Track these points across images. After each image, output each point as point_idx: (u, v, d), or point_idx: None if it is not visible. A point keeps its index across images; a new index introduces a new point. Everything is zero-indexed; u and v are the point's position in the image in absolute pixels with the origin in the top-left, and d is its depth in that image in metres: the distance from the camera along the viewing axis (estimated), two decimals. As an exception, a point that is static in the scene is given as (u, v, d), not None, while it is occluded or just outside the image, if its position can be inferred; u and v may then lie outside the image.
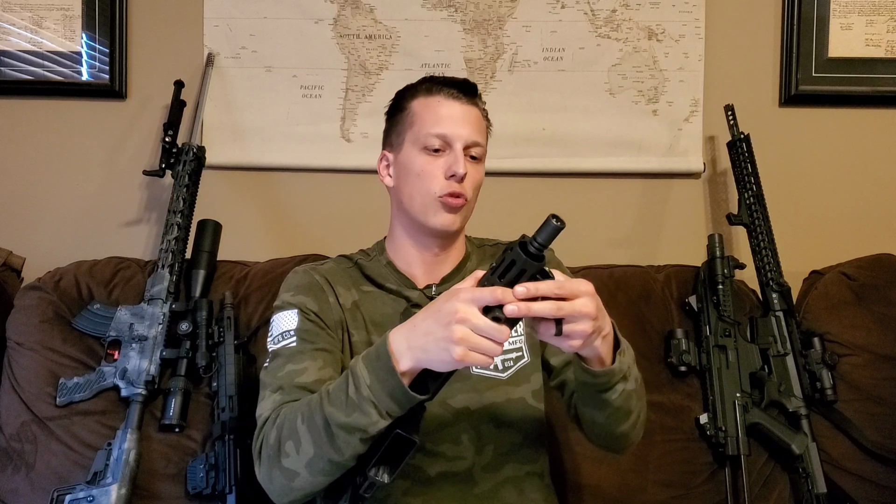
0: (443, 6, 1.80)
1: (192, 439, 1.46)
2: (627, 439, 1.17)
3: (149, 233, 1.82)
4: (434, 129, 1.19)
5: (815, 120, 1.83)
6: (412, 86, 1.26)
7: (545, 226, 0.89)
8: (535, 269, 0.90)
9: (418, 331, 0.95)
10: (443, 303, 0.93)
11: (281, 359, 1.14)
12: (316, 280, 1.23)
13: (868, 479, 1.51)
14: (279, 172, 1.83)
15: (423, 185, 1.19)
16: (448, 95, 1.21)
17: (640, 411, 1.15)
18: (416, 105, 1.22)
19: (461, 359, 0.90)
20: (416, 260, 1.25)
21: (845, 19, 1.81)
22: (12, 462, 1.43)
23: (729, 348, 1.55)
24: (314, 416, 1.01)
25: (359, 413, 0.97)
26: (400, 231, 1.26)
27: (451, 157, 1.18)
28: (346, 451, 0.99)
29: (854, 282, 1.60)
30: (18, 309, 1.54)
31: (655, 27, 1.81)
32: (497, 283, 0.91)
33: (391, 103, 1.28)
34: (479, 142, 1.22)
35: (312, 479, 1.03)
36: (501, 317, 0.90)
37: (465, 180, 1.18)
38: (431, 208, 1.18)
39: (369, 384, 0.97)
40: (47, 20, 1.79)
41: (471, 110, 1.22)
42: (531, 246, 0.89)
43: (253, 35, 1.80)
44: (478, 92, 1.25)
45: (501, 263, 0.92)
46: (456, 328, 0.90)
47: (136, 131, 1.82)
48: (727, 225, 1.72)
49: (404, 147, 1.22)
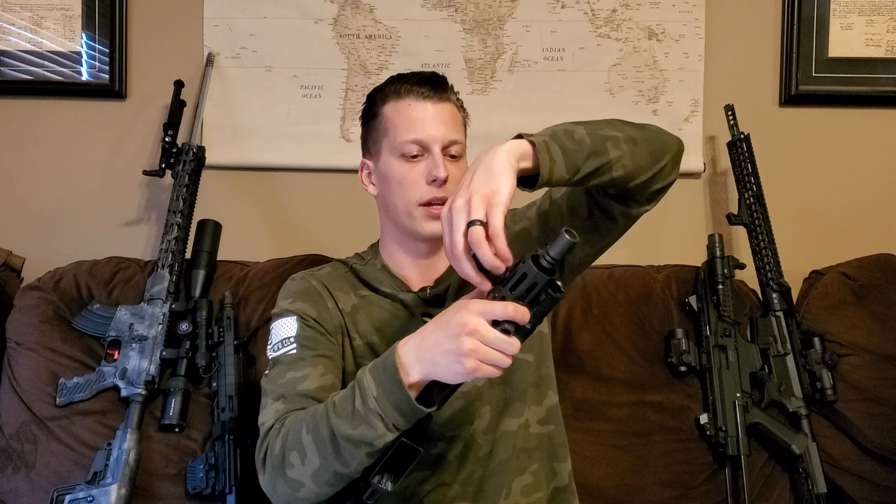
0: (443, 6, 1.80)
1: (192, 439, 1.46)
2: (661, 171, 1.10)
3: (149, 233, 1.82)
4: (409, 136, 1.16)
5: (815, 120, 1.83)
6: (380, 88, 1.22)
7: (559, 240, 0.88)
8: (546, 283, 0.89)
9: (427, 342, 0.94)
10: (452, 314, 0.92)
11: (282, 366, 1.14)
12: (314, 286, 1.22)
13: (868, 479, 1.51)
14: (279, 172, 1.83)
15: (404, 193, 1.17)
16: (418, 96, 1.18)
17: (621, 131, 1.06)
18: (387, 111, 1.19)
19: (472, 371, 0.89)
20: (408, 264, 1.24)
21: (845, 19, 1.81)
22: (12, 462, 1.43)
23: (729, 348, 1.54)
24: (320, 428, 1.00)
25: (365, 426, 0.96)
26: (390, 237, 1.25)
27: (430, 162, 1.16)
28: (352, 464, 0.99)
29: (854, 282, 1.60)
30: (18, 309, 1.54)
31: (655, 27, 1.81)
32: (508, 295, 0.90)
33: (364, 108, 1.26)
34: (457, 139, 1.19)
35: (318, 489, 1.03)
36: (510, 329, 0.89)
37: (448, 182, 1.16)
38: (416, 217, 1.17)
39: (376, 396, 0.96)
40: (47, 20, 1.79)
41: (443, 107, 1.19)
42: (543, 259, 0.89)
43: (253, 35, 1.80)
44: (448, 84, 1.21)
45: (513, 276, 0.91)
46: (466, 340, 0.89)
47: (136, 131, 1.82)
48: (727, 225, 1.72)
49: (382, 155, 1.20)
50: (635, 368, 1.56)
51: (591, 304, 1.60)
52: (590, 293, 1.61)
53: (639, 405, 1.54)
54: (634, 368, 1.56)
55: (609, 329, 1.58)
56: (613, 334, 1.58)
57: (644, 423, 1.53)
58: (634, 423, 1.53)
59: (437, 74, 1.21)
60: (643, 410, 1.54)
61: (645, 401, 1.54)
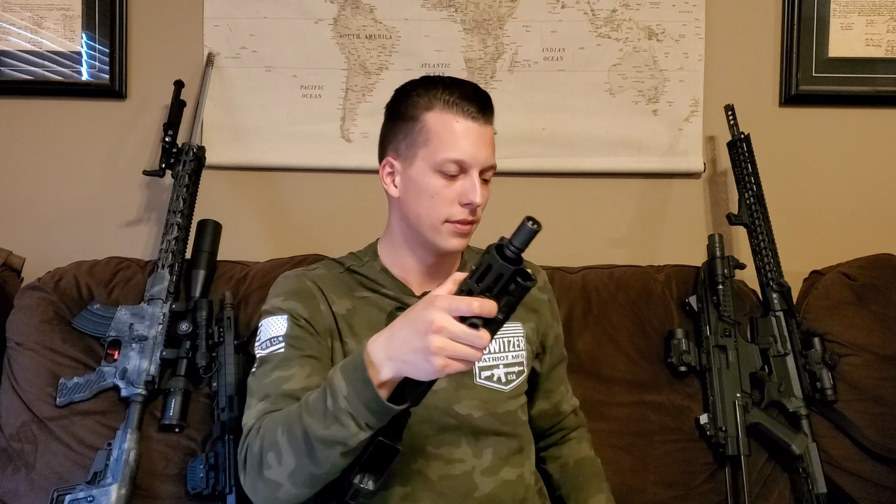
0: (443, 6, 1.80)
1: (192, 439, 1.46)
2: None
3: (149, 233, 1.82)
4: (452, 155, 1.13)
5: (815, 120, 1.83)
6: (421, 89, 1.18)
7: (521, 229, 0.87)
8: (511, 273, 0.88)
9: (396, 340, 0.92)
10: (419, 311, 0.90)
11: (268, 365, 1.13)
12: (307, 286, 1.21)
13: (868, 479, 1.51)
14: (279, 172, 1.83)
15: (435, 207, 1.15)
16: (467, 115, 1.15)
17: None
18: (431, 120, 1.15)
19: (442, 368, 0.88)
20: (413, 269, 1.23)
21: (845, 19, 1.81)
22: (12, 462, 1.43)
23: (729, 348, 1.55)
24: (293, 428, 0.99)
25: (337, 425, 0.95)
26: (401, 241, 1.23)
27: (468, 184, 1.14)
28: (326, 464, 0.98)
29: (854, 282, 1.60)
30: (18, 309, 1.54)
31: (655, 27, 1.81)
32: (475, 287, 0.89)
33: (395, 104, 1.21)
34: (494, 164, 1.18)
35: (296, 490, 1.02)
36: (478, 322, 0.88)
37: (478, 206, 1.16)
38: (442, 232, 1.16)
39: (346, 395, 0.95)
40: (47, 20, 1.79)
41: (487, 131, 1.17)
42: (507, 250, 0.88)
43: (253, 35, 1.80)
44: (492, 106, 1.19)
45: (479, 267, 0.90)
46: (433, 338, 0.87)
47: (136, 131, 1.82)
48: (727, 225, 1.72)
49: (416, 163, 1.16)
50: (635, 369, 1.56)
51: (591, 304, 1.60)
52: (590, 293, 1.61)
53: (639, 405, 1.54)
54: (634, 369, 1.56)
55: (609, 329, 1.58)
56: (613, 334, 1.58)
57: (644, 423, 1.53)
58: (634, 424, 1.53)
59: (483, 92, 1.18)
60: (643, 410, 1.54)
61: (645, 401, 1.54)
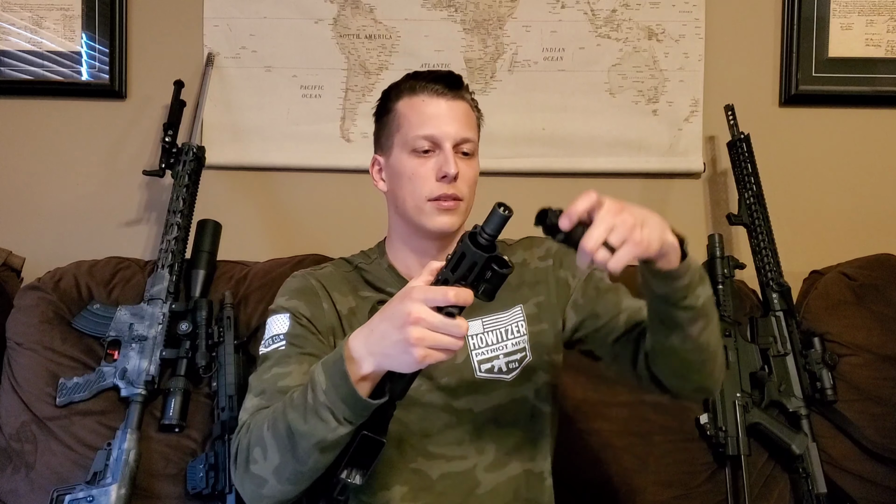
0: (443, 6, 1.80)
1: (192, 439, 1.46)
2: (712, 376, 1.11)
3: (149, 233, 1.82)
4: (421, 131, 1.16)
5: (815, 120, 1.83)
6: (396, 84, 1.22)
7: (492, 215, 0.88)
8: (485, 260, 0.89)
9: (376, 335, 0.93)
10: (396, 304, 0.91)
11: (269, 362, 1.14)
12: (311, 284, 1.22)
13: (868, 479, 1.51)
14: (279, 172, 1.83)
15: (414, 188, 1.16)
16: (432, 93, 1.17)
17: (720, 343, 1.10)
18: (401, 106, 1.19)
19: (422, 359, 0.89)
20: (415, 263, 1.23)
21: (845, 19, 1.81)
22: (12, 462, 1.43)
23: (729, 348, 1.54)
24: (278, 423, 1.00)
25: (316, 419, 0.95)
26: (398, 235, 1.25)
27: (441, 158, 1.16)
28: (308, 460, 0.98)
29: (854, 282, 1.60)
30: (18, 309, 1.54)
31: (655, 27, 1.81)
32: (450, 276, 0.90)
33: (378, 105, 1.25)
34: (469, 137, 1.19)
35: (281, 486, 1.02)
36: (455, 311, 0.89)
37: (458, 179, 1.16)
38: (426, 212, 1.17)
39: (325, 389, 0.95)
40: (47, 20, 1.79)
41: (457, 105, 1.19)
42: (480, 237, 0.89)
43: (253, 35, 1.80)
44: (464, 83, 1.21)
45: (454, 256, 0.91)
46: (412, 330, 0.88)
47: (136, 131, 1.82)
48: (727, 225, 1.72)
49: (393, 151, 1.20)
50: (635, 368, 1.56)
51: (591, 304, 1.60)
52: (590, 293, 1.61)
53: (639, 405, 1.54)
54: (634, 368, 1.56)
55: (609, 329, 1.58)
56: (613, 334, 1.57)
57: (644, 423, 1.53)
58: (634, 423, 1.53)
59: (452, 73, 1.21)
60: (643, 410, 1.53)
61: (645, 401, 1.54)
